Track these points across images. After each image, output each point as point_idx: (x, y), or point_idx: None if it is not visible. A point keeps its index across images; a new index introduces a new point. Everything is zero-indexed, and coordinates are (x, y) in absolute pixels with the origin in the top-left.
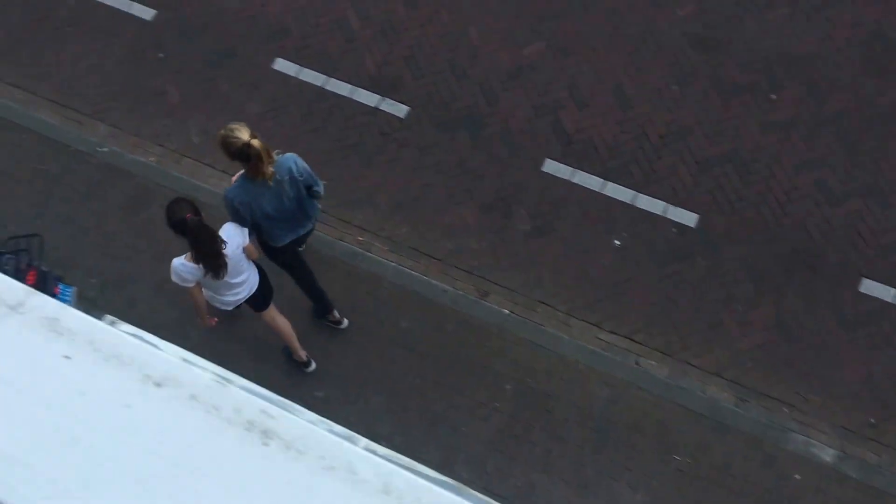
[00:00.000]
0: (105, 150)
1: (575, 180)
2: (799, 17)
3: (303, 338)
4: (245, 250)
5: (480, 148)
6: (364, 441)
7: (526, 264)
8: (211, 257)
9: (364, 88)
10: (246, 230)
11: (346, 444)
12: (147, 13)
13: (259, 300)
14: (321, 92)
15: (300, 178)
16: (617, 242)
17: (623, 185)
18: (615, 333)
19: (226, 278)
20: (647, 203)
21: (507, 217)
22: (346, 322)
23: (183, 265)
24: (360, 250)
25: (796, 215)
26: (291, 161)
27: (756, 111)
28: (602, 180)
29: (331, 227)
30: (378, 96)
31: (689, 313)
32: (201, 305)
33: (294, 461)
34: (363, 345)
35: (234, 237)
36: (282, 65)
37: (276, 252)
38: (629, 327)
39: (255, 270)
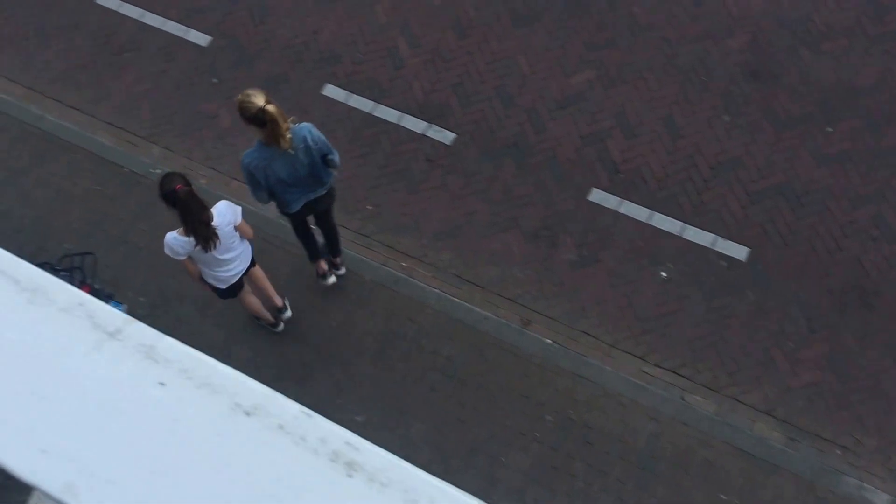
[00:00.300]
0: (158, 171)
1: (622, 210)
2: (857, 49)
3: (344, 360)
4: (238, 229)
5: (526, 176)
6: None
7: (570, 294)
8: (200, 228)
9: (411, 115)
10: (239, 209)
11: (429, 476)
12: (203, 39)
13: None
14: (369, 118)
15: (314, 147)
16: (663, 274)
17: (671, 216)
18: (660, 367)
19: (215, 253)
20: (695, 235)
21: (552, 246)
22: (333, 278)
23: (175, 238)
24: (404, 276)
25: (851, 251)
26: (306, 130)
27: (810, 143)
28: (649, 211)
29: (375, 252)
30: (425, 123)
31: (738, 348)
32: (195, 272)
33: (378, 493)
34: (404, 370)
35: (225, 214)
36: (331, 91)
37: (288, 219)
38: (675, 361)
39: (249, 248)
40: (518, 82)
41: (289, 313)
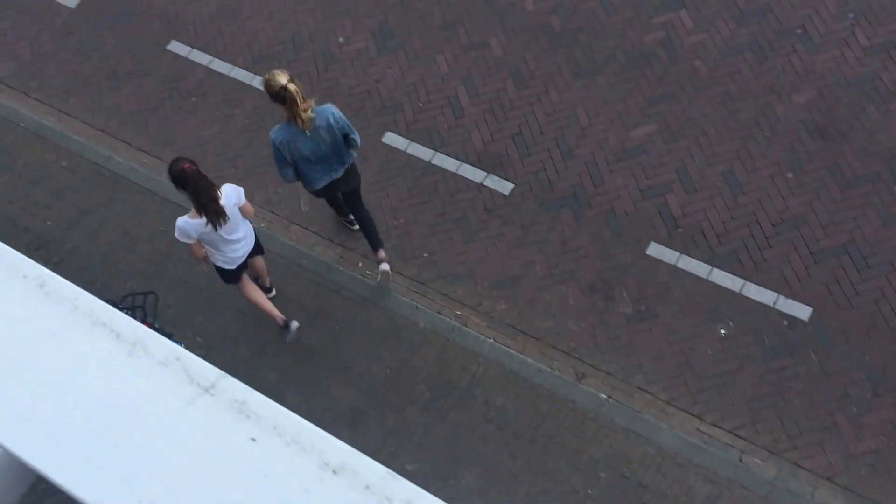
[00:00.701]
0: None
1: (680, 265)
2: None
3: (396, 406)
4: (242, 209)
5: (584, 228)
6: None
7: (626, 348)
8: (210, 204)
9: (470, 164)
10: (241, 190)
11: None
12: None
13: (252, 253)
14: (428, 166)
15: (336, 126)
16: (722, 332)
17: (731, 273)
18: (718, 427)
19: (223, 233)
20: (756, 293)
21: (609, 299)
22: (385, 267)
23: (186, 221)
24: (458, 325)
25: None
26: (329, 111)
27: (877, 203)
28: (709, 267)
29: (430, 300)
30: (483, 172)
31: (799, 411)
32: (201, 252)
33: None
34: (456, 420)
35: (230, 196)
36: (391, 138)
37: (318, 195)
38: (733, 421)
39: (252, 231)
40: (577, 134)
41: (295, 324)
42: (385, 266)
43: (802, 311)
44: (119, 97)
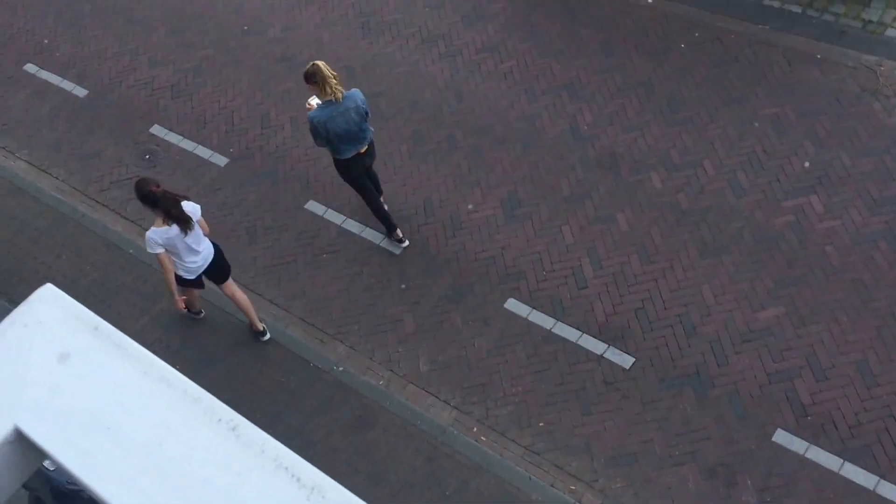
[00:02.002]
0: (340, 369)
1: (809, 455)
2: None
3: None
4: (198, 223)
5: (707, 409)
6: None
7: None
8: (177, 213)
9: (591, 335)
10: (199, 208)
11: None
12: (396, 247)
13: (217, 273)
14: (549, 335)
15: (363, 107)
16: None
17: (864, 469)
18: None
19: (189, 241)
20: (892, 492)
21: (731, 486)
22: (407, 242)
23: (154, 231)
24: (571, 500)
25: None
26: (357, 95)
27: None
28: (840, 459)
29: (543, 472)
30: (604, 345)
31: None
32: (171, 280)
33: None
34: None
35: (192, 211)
36: (513, 305)
37: (345, 166)
38: None
39: (211, 245)
40: (702, 312)
41: (268, 336)
42: (407, 242)
43: None
44: (255, 251)
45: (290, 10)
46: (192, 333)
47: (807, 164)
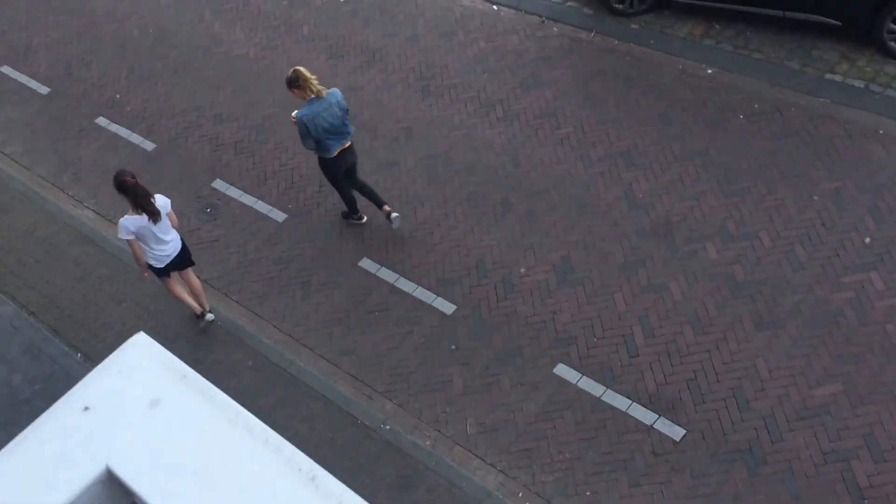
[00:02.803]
0: (388, 427)
1: None
2: None
3: None
4: (168, 216)
5: (759, 486)
6: None
7: None
8: (148, 205)
9: (641, 405)
10: (169, 201)
11: None
12: (448, 308)
13: (183, 264)
14: (598, 402)
15: (343, 103)
16: None
17: None
18: None
19: (157, 231)
20: None
21: None
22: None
23: (126, 219)
24: None
25: None
26: (337, 94)
27: None
28: None
29: None
30: (655, 415)
31: None
32: (139, 254)
33: None
34: None
35: (163, 204)
36: (563, 370)
37: (331, 164)
38: None
39: (178, 237)
40: (756, 386)
41: (211, 316)
42: (396, 213)
43: None
44: (309, 306)
45: (353, 72)
46: (243, 385)
47: (868, 240)
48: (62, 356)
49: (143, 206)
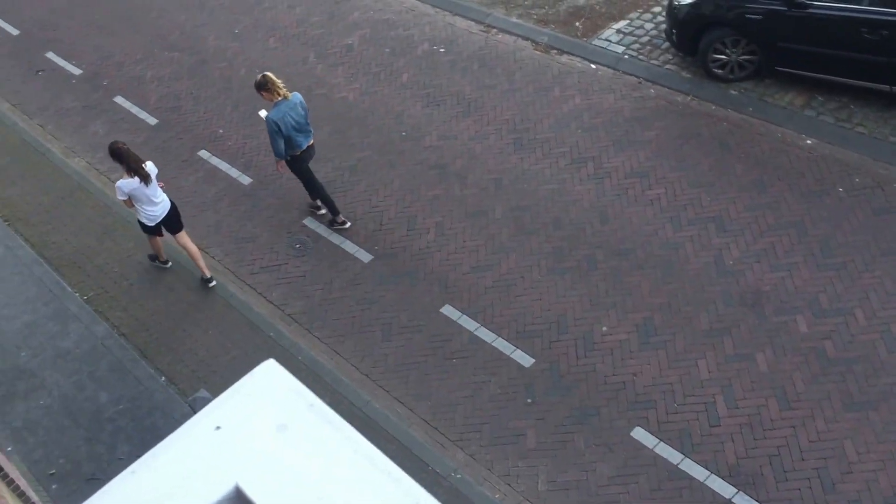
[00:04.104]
0: (458, 476)
1: None
2: None
3: None
4: (156, 177)
5: None
6: None
7: None
8: (138, 168)
9: (720, 477)
10: (157, 170)
11: None
12: (526, 360)
13: (173, 225)
14: (675, 470)
15: (304, 103)
16: None
17: None
18: None
19: (149, 193)
20: None
21: None
22: (349, 223)
23: (122, 182)
24: None
25: None
26: (299, 96)
27: None
28: None
29: None
30: (734, 489)
31: None
32: (131, 206)
33: None
34: None
35: (152, 169)
36: (640, 434)
37: (299, 159)
38: None
39: (168, 200)
40: (842, 469)
41: (214, 282)
42: (348, 224)
43: None
44: (388, 348)
45: (448, 121)
46: None
47: None
48: (147, 378)
49: (136, 169)
